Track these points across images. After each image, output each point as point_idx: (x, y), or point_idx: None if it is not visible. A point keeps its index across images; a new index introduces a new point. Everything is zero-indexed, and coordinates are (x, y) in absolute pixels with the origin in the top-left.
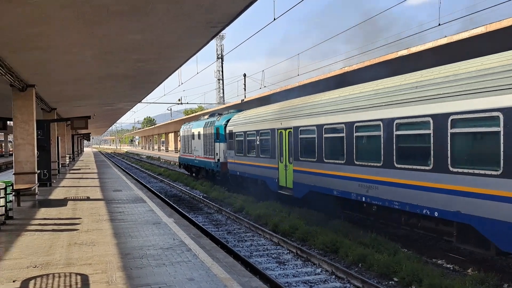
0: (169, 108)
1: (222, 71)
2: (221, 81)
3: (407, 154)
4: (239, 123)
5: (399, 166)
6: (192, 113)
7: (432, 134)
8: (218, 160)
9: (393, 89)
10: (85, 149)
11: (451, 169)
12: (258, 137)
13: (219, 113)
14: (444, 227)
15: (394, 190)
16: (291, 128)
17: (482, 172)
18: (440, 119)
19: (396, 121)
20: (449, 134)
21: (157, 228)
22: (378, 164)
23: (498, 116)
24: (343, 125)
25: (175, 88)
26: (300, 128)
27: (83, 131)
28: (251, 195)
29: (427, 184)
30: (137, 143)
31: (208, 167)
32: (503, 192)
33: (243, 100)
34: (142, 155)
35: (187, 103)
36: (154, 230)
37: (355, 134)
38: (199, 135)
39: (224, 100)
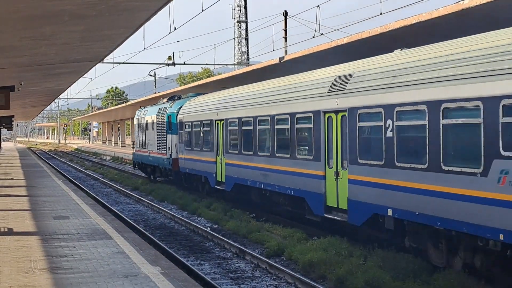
0: (153, 73)
1: (246, 8)
2: (243, 25)
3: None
4: (189, 111)
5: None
6: (192, 79)
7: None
8: (170, 155)
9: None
10: (3, 144)
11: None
12: (202, 128)
13: (178, 96)
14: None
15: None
16: (223, 120)
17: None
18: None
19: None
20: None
21: (132, 285)
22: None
23: None
24: (251, 119)
25: (163, 38)
26: (229, 120)
27: (1, 113)
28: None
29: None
30: (95, 133)
31: (161, 165)
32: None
33: (283, 58)
34: (104, 155)
35: (184, 63)
36: None
37: (258, 127)
38: (152, 124)
39: (248, 58)
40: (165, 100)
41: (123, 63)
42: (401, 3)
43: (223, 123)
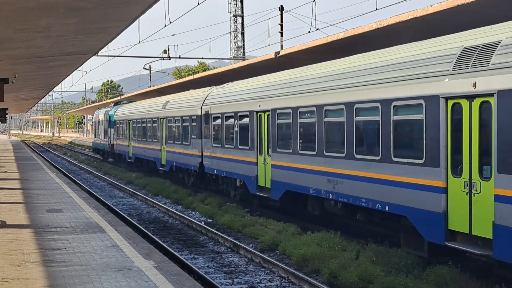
0: (148, 66)
1: (242, 2)
2: (239, 19)
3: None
4: (118, 113)
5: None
6: (189, 73)
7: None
8: (110, 142)
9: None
10: None
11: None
12: (123, 125)
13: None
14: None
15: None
16: (131, 120)
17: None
18: None
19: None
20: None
21: (125, 278)
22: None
23: None
24: (141, 120)
25: (158, 31)
26: (133, 120)
27: None
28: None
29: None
30: (89, 127)
31: (106, 149)
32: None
33: (278, 53)
34: None
35: (179, 57)
36: (120, 282)
37: (142, 125)
38: (102, 121)
39: (244, 53)
40: (112, 104)
41: (118, 56)
42: None
43: (132, 122)
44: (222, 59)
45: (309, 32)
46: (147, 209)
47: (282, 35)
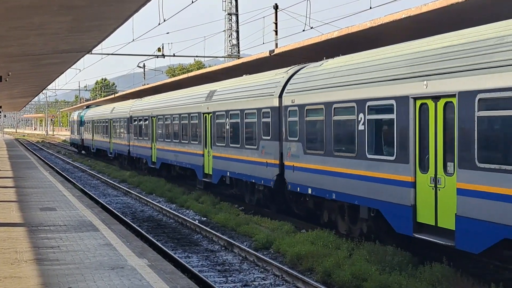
0: (142, 64)
1: (237, 0)
2: (234, 18)
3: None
4: (87, 115)
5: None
6: (182, 71)
7: None
8: (81, 137)
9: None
10: None
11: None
12: (89, 124)
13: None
14: None
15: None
16: (93, 120)
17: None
18: None
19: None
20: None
21: (119, 276)
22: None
23: None
24: (98, 121)
25: (152, 29)
26: (94, 121)
27: None
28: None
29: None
30: None
31: (78, 143)
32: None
33: (273, 51)
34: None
35: (173, 55)
36: (114, 281)
37: (97, 124)
38: (76, 121)
39: (239, 51)
40: (85, 107)
41: (112, 54)
42: None
43: (94, 121)
44: (216, 57)
45: (303, 30)
46: (141, 207)
47: (276, 34)
